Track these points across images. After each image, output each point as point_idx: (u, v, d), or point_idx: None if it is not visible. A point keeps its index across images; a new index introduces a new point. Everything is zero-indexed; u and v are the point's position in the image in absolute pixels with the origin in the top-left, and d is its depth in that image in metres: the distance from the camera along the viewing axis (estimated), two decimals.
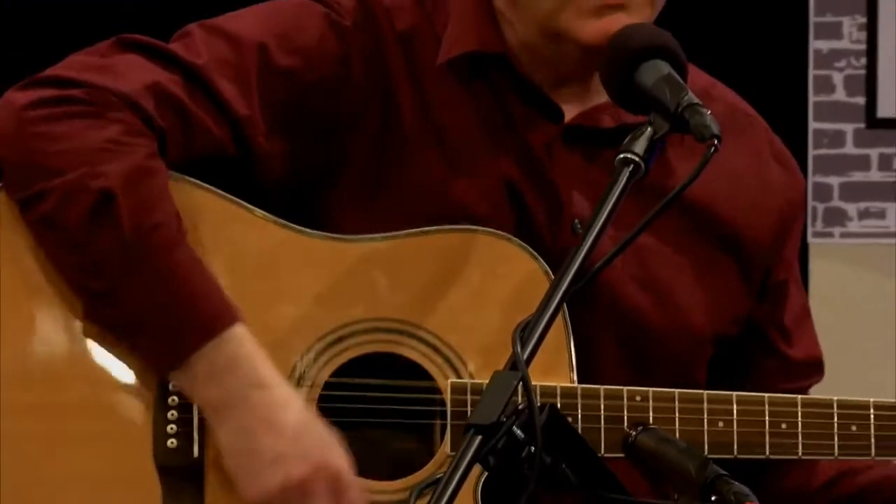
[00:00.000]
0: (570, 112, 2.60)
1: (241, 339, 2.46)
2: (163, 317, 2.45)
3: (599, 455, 2.44)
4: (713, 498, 2.19)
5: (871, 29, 4.62)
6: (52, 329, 2.53)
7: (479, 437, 2.10)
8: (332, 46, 2.58)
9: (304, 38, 2.59)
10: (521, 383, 2.10)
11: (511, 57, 2.60)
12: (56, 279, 2.53)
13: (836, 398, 2.55)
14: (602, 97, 2.58)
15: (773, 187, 2.70)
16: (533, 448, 2.15)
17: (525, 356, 2.12)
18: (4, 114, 2.50)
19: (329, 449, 2.45)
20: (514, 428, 2.14)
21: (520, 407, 2.14)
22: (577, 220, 2.57)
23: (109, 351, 2.51)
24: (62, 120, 2.49)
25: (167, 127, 2.52)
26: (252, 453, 2.44)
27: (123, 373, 2.51)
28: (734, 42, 3.33)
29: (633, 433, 2.37)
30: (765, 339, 2.71)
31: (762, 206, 2.69)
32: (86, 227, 2.46)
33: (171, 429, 2.50)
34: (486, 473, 2.33)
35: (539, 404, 2.15)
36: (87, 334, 2.51)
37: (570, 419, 2.45)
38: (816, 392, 2.67)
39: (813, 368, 2.73)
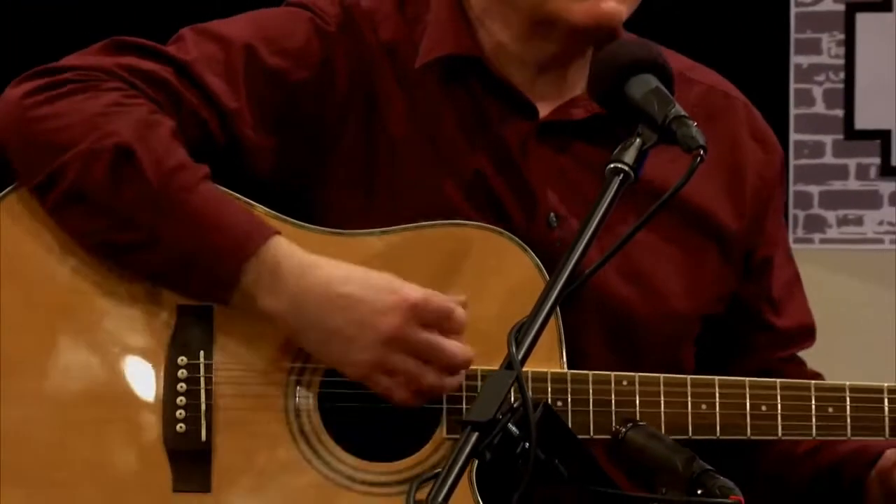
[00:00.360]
0: (544, 108, 2.59)
1: (279, 246, 2.46)
2: (204, 248, 2.45)
3: (589, 437, 2.46)
4: (699, 492, 2.19)
5: (849, 45, 4.62)
6: (65, 321, 2.52)
7: (476, 434, 2.10)
8: (317, 50, 2.58)
9: (290, 41, 2.59)
10: (516, 382, 2.12)
11: (485, 60, 2.60)
12: (67, 272, 2.53)
13: (813, 382, 2.54)
14: (576, 91, 2.60)
15: (748, 168, 2.69)
16: (527, 444, 2.15)
17: (520, 356, 2.13)
18: (4, 107, 2.50)
19: (397, 288, 2.45)
20: (510, 425, 2.14)
21: (515, 405, 2.14)
22: (552, 214, 2.57)
23: (120, 341, 2.51)
24: (60, 99, 2.49)
25: (160, 101, 2.52)
26: (333, 334, 2.44)
27: (133, 361, 2.51)
28: (719, 56, 3.30)
29: (623, 430, 2.36)
30: (754, 313, 2.70)
31: (737, 189, 2.67)
32: (111, 184, 2.46)
33: (180, 414, 2.49)
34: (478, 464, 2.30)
35: (533, 402, 2.16)
36: (98, 325, 2.50)
37: (560, 403, 2.46)
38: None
39: (803, 335, 2.73)
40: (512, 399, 2.13)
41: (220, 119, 2.54)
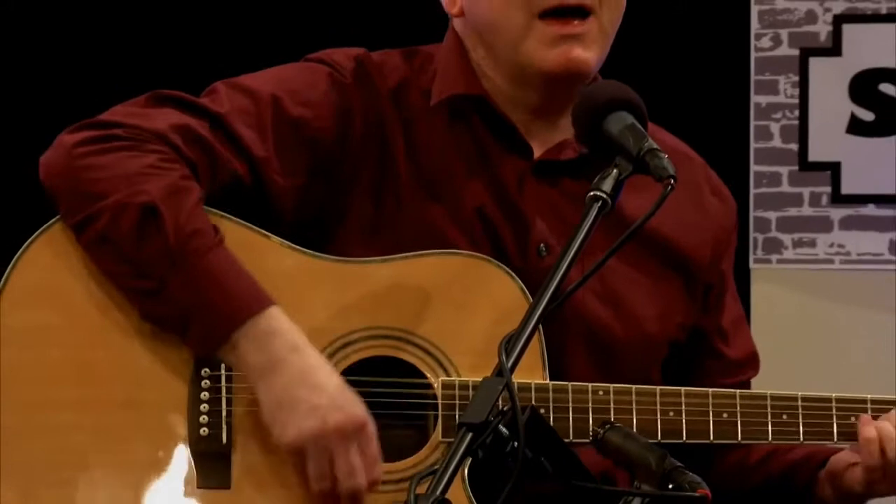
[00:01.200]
0: (538, 148, 2.61)
1: (277, 316, 2.46)
2: (208, 305, 2.45)
3: (568, 440, 2.46)
4: (670, 486, 2.19)
5: (803, 86, 4.61)
6: (101, 338, 2.52)
7: (470, 434, 2.11)
8: (336, 100, 2.58)
9: (311, 93, 2.59)
10: (506, 388, 2.12)
11: (489, 99, 2.61)
12: (104, 296, 2.53)
13: (769, 392, 2.56)
14: (566, 134, 2.60)
15: (709, 216, 2.71)
16: (516, 443, 2.15)
17: (509, 365, 2.13)
18: (57, 152, 2.51)
19: (358, 405, 2.45)
20: (500, 426, 2.14)
21: (504, 408, 2.14)
22: (541, 245, 2.58)
23: (150, 355, 2.51)
24: (105, 153, 2.50)
25: (195, 160, 2.53)
26: (292, 403, 2.44)
27: (161, 373, 2.51)
28: (686, 97, 3.33)
29: (601, 431, 2.36)
30: (707, 342, 2.72)
31: (700, 231, 2.69)
32: (135, 237, 2.47)
33: (203, 419, 2.50)
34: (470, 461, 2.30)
35: (521, 406, 2.16)
36: (131, 343, 2.51)
37: (542, 410, 2.47)
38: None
39: (749, 365, 2.75)
40: (501, 403, 2.14)
41: (249, 166, 2.55)
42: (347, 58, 2.63)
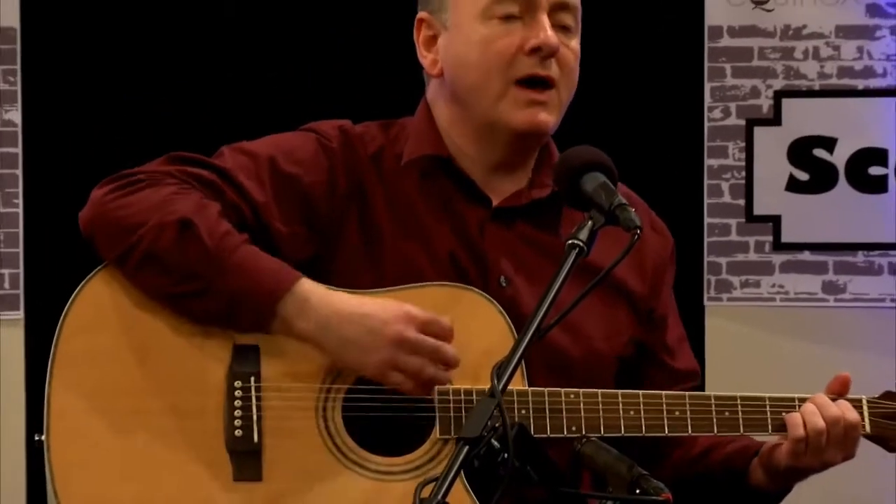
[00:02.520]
0: (496, 198, 2.62)
1: (306, 285, 2.47)
2: (249, 292, 2.47)
3: (546, 436, 2.48)
4: (638, 490, 2.19)
5: (749, 151, 4.62)
6: (147, 356, 2.53)
7: (467, 447, 2.11)
8: (323, 161, 2.60)
9: (302, 154, 2.60)
10: (497, 408, 2.12)
11: (453, 160, 2.63)
12: (148, 322, 2.52)
13: (713, 393, 2.58)
14: (519, 185, 2.63)
15: (649, 250, 2.71)
16: (506, 455, 2.15)
17: (500, 387, 2.14)
18: (90, 205, 2.54)
19: (395, 307, 2.47)
20: (493, 440, 2.14)
21: (496, 425, 2.14)
22: (501, 277, 2.59)
23: (190, 371, 2.52)
24: (131, 194, 2.52)
25: (207, 196, 2.53)
26: (351, 344, 2.46)
27: (200, 386, 2.52)
28: (649, 160, 3.32)
29: (579, 445, 2.35)
30: (654, 356, 2.72)
31: (641, 263, 2.70)
32: (177, 247, 2.49)
33: (237, 423, 2.51)
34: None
35: (510, 423, 2.15)
36: (173, 360, 2.52)
37: (523, 411, 2.48)
38: None
39: (691, 376, 2.73)
40: (493, 421, 2.14)
41: (252, 210, 2.58)
42: (333, 128, 2.65)
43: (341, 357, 2.48)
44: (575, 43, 2.61)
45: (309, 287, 2.48)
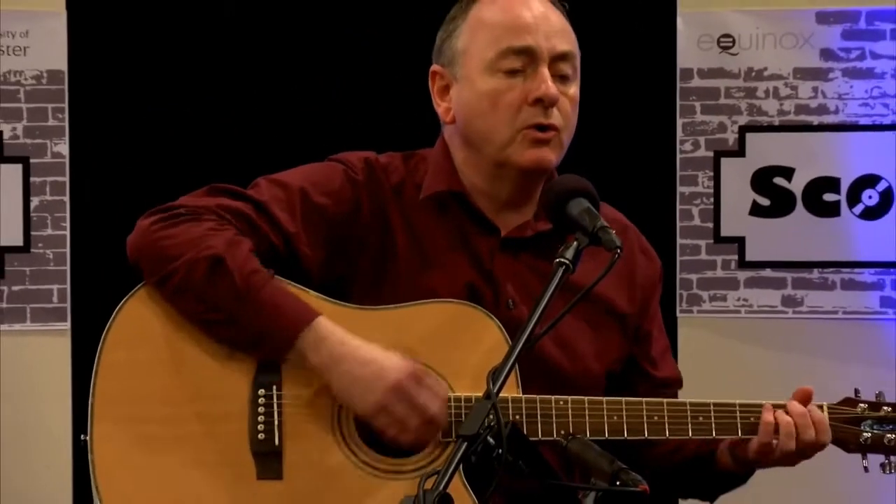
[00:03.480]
0: (504, 229, 2.61)
1: (324, 323, 2.47)
2: (272, 325, 2.46)
3: (538, 438, 2.46)
4: (618, 482, 2.18)
5: (716, 179, 4.62)
6: (180, 368, 2.52)
7: (465, 443, 2.10)
8: (349, 192, 2.58)
9: (330, 185, 2.59)
10: (492, 408, 2.12)
11: (466, 194, 2.61)
12: (181, 337, 2.53)
13: (688, 400, 2.57)
14: (526, 217, 2.62)
15: (637, 271, 2.70)
16: (500, 451, 2.14)
17: (495, 390, 2.13)
18: (137, 233, 2.53)
19: (401, 360, 2.46)
20: (488, 438, 2.13)
21: (492, 423, 2.13)
22: (509, 300, 2.58)
23: (217, 381, 2.51)
24: (173, 226, 2.51)
25: (241, 229, 2.55)
26: (355, 382, 2.44)
27: (227, 394, 2.51)
28: (628, 188, 3.32)
29: (565, 441, 2.35)
30: (639, 366, 2.71)
31: (631, 285, 2.68)
32: (208, 281, 2.48)
33: (260, 427, 2.50)
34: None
35: (504, 422, 2.15)
36: (203, 371, 2.51)
37: (517, 417, 2.47)
38: None
39: (674, 385, 2.73)
40: (489, 420, 2.13)
41: (284, 240, 2.56)
42: (359, 159, 2.64)
43: (342, 392, 2.46)
44: (574, 90, 2.59)
45: (326, 326, 2.46)
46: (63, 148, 4.49)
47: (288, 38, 4.57)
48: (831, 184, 4.57)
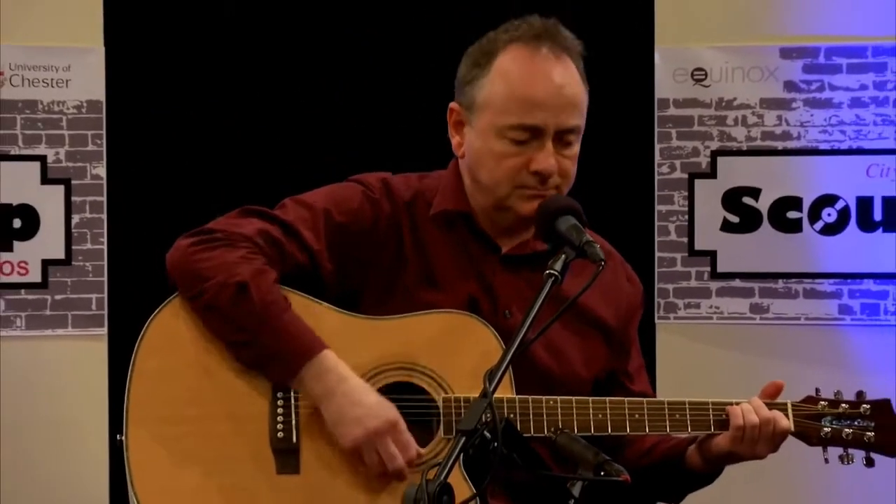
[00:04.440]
0: (505, 247, 2.61)
1: (328, 357, 2.46)
2: (283, 351, 2.45)
3: (529, 435, 2.45)
4: (602, 473, 2.17)
5: (690, 199, 4.61)
6: (205, 373, 2.52)
7: (464, 437, 2.09)
8: (367, 210, 2.58)
9: (350, 205, 2.58)
10: (488, 406, 2.11)
11: (472, 215, 2.60)
12: (208, 346, 2.52)
13: (666, 399, 2.56)
14: (525, 237, 2.61)
15: (623, 295, 2.72)
16: (496, 444, 2.13)
17: (491, 389, 2.12)
18: (176, 251, 2.52)
19: (390, 411, 2.44)
20: (485, 432, 2.12)
21: (488, 419, 2.12)
22: (506, 310, 2.57)
23: (241, 385, 2.50)
24: (210, 250, 2.52)
25: (270, 254, 2.53)
26: (343, 418, 2.44)
27: (249, 396, 2.50)
28: (610, 207, 3.30)
29: (554, 436, 2.34)
30: (617, 380, 2.71)
31: (616, 306, 2.70)
32: (232, 304, 2.47)
33: (279, 426, 2.49)
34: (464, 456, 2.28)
35: (499, 418, 2.14)
36: (228, 377, 2.52)
37: (511, 416, 2.48)
38: None
39: (645, 398, 2.73)
40: (485, 416, 2.13)
41: (309, 257, 2.55)
42: (377, 180, 2.63)
43: (329, 422, 2.45)
44: (575, 149, 2.55)
45: (331, 359, 2.45)
46: (101, 171, 4.49)
47: (309, 66, 4.57)
48: (794, 203, 4.57)
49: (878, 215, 4.51)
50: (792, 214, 4.57)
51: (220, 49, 4.54)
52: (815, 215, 4.55)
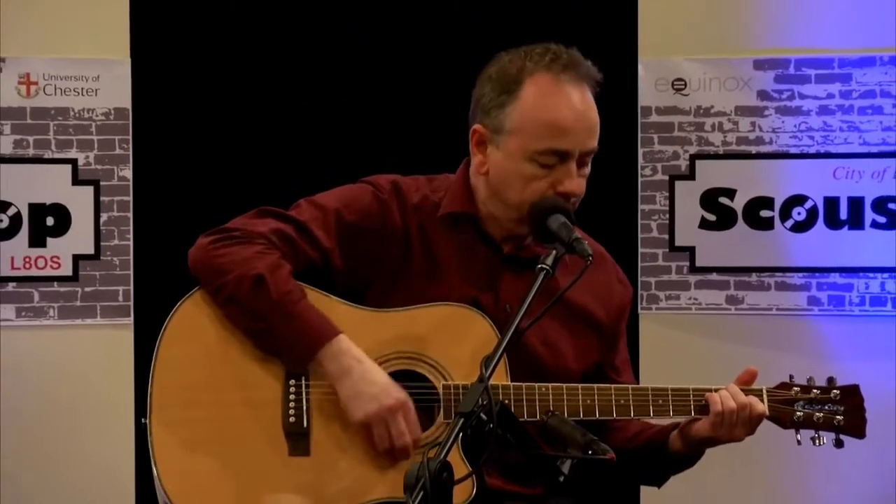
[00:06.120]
0: (506, 248, 2.59)
1: (343, 340, 2.44)
2: (299, 339, 2.44)
3: (523, 419, 2.43)
4: (590, 451, 2.16)
5: (671, 199, 4.60)
6: (225, 360, 2.49)
7: (462, 419, 2.08)
8: (377, 210, 2.55)
9: (360, 205, 2.55)
10: (485, 390, 2.10)
11: (478, 218, 2.59)
12: (227, 335, 2.51)
13: (650, 386, 2.55)
14: (525, 241, 2.58)
15: (614, 295, 2.70)
16: (491, 425, 2.12)
17: (487, 374, 2.11)
18: (197, 248, 2.50)
19: (401, 391, 2.43)
20: (481, 414, 2.11)
21: (484, 402, 2.11)
22: (507, 305, 2.55)
23: (256, 372, 2.49)
24: (229, 246, 2.50)
25: (284, 251, 2.51)
26: (358, 395, 2.42)
27: (264, 383, 2.49)
28: (596, 208, 3.27)
29: (545, 418, 2.33)
30: (604, 372, 2.68)
31: (608, 304, 2.68)
32: (251, 296, 2.45)
33: (291, 410, 2.47)
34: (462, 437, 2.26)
35: (494, 401, 2.13)
36: (244, 364, 2.51)
37: (506, 401, 2.47)
38: None
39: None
40: (482, 400, 2.11)
41: (321, 255, 2.53)
42: (387, 181, 2.61)
43: (344, 397, 2.43)
44: (589, 168, 2.55)
45: (347, 342, 2.44)
46: (128, 173, 4.49)
47: (319, 77, 4.56)
48: (766, 202, 4.56)
49: (843, 214, 4.50)
50: (764, 213, 4.55)
51: (238, 61, 4.53)
52: (785, 214, 4.54)
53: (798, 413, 2.57)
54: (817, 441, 2.58)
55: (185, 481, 2.44)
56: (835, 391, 2.59)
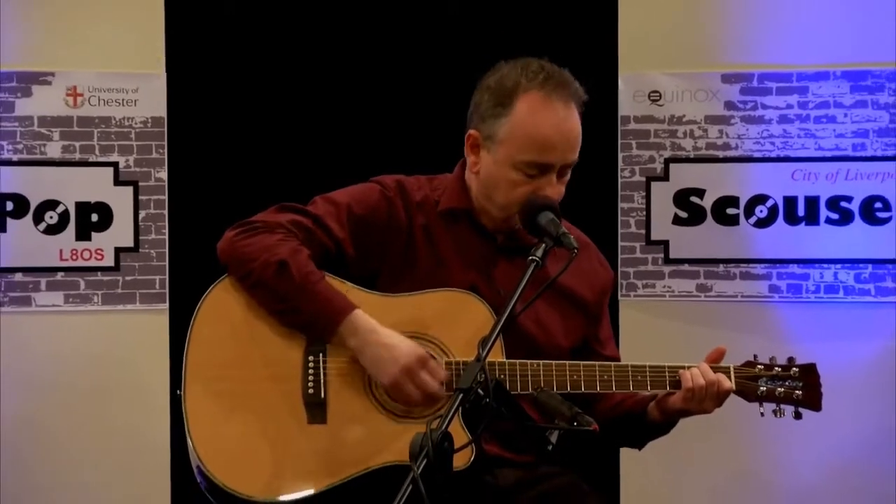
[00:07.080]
0: (500, 238, 2.59)
1: (360, 314, 2.45)
2: (321, 315, 2.44)
3: (516, 392, 2.44)
4: (575, 423, 2.16)
5: (648, 198, 4.60)
6: (252, 339, 2.49)
7: (461, 394, 2.08)
8: (384, 206, 2.55)
9: (369, 201, 2.55)
10: (482, 368, 2.09)
11: (473, 212, 2.58)
12: (254, 317, 2.50)
13: (630, 363, 2.55)
14: (515, 230, 2.58)
15: (597, 277, 2.70)
16: (488, 399, 2.12)
17: (484, 354, 2.11)
18: (224, 240, 2.51)
19: (417, 348, 2.43)
20: (479, 390, 2.11)
21: (481, 379, 2.11)
22: (501, 290, 2.55)
23: (279, 349, 2.48)
24: (252, 237, 2.50)
25: (302, 240, 2.51)
26: (379, 361, 2.42)
27: (286, 358, 2.48)
28: (580, 206, 3.26)
29: (536, 393, 2.33)
30: (590, 345, 2.69)
31: (592, 286, 2.68)
32: (276, 280, 2.45)
33: (310, 382, 2.47)
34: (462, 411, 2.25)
35: (490, 378, 2.13)
36: (269, 343, 2.51)
37: (502, 376, 2.47)
38: None
39: (613, 361, 2.70)
40: (479, 376, 2.11)
41: (335, 244, 2.53)
42: (393, 181, 2.62)
43: (369, 368, 2.44)
44: (569, 174, 2.55)
45: (362, 316, 2.44)
46: (163, 175, 4.49)
47: (334, 90, 4.55)
48: (732, 201, 4.55)
49: (801, 212, 4.50)
50: (731, 211, 4.55)
51: (260, 76, 4.53)
52: (749, 211, 4.53)
53: (761, 388, 2.58)
54: (778, 413, 2.58)
55: (215, 447, 2.44)
56: (794, 369, 2.59)
